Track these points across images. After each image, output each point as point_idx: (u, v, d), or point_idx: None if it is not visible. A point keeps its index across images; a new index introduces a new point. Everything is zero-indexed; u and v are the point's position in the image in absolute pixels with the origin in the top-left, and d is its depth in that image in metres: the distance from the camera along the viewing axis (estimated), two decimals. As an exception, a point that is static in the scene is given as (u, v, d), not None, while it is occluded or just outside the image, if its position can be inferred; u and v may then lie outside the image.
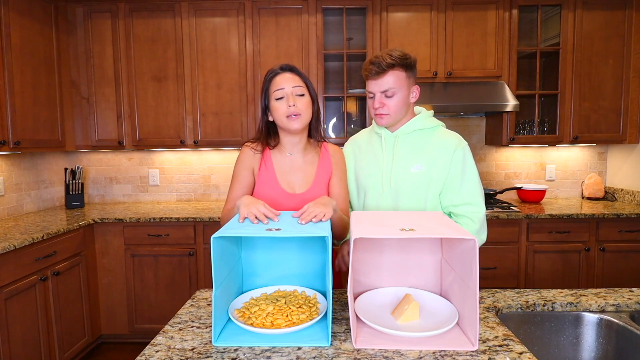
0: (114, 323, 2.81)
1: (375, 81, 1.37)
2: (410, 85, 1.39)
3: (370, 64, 1.36)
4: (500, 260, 2.67)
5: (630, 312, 1.18)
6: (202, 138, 2.96)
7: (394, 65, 1.33)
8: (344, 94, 2.95)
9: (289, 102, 1.32)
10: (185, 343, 0.98)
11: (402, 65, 1.34)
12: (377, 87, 1.37)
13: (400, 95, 1.37)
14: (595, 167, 3.30)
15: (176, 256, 2.73)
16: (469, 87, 2.82)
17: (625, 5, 2.86)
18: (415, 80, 1.42)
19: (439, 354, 0.90)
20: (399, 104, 1.38)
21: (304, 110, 1.34)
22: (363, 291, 1.19)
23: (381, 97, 1.37)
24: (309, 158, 1.44)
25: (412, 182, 1.43)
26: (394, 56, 1.33)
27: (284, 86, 1.33)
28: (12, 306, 2.03)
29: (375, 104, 1.39)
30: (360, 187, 1.54)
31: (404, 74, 1.36)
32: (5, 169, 2.71)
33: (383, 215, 1.14)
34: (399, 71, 1.35)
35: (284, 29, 2.89)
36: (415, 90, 1.42)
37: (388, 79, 1.35)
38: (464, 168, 1.41)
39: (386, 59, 1.32)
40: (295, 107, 1.31)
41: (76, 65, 2.95)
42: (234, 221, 1.11)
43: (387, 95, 1.37)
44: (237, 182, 1.42)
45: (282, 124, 1.35)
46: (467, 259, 0.94)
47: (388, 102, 1.37)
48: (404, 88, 1.37)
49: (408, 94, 1.39)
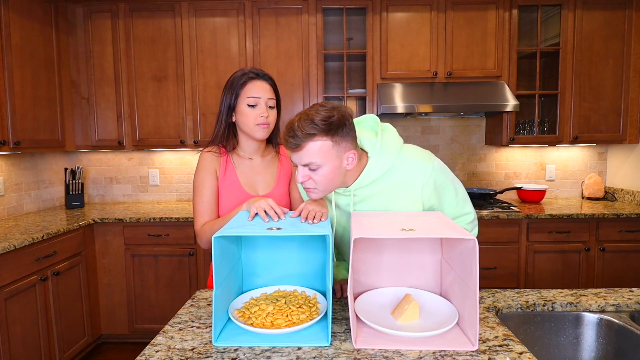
0: (114, 323, 2.81)
1: (294, 155, 1.11)
2: (342, 152, 1.11)
3: (286, 134, 1.09)
4: (500, 260, 2.67)
5: (630, 312, 1.18)
6: (202, 138, 2.96)
7: (313, 134, 1.06)
8: (344, 94, 2.95)
9: (262, 112, 1.34)
10: (185, 343, 0.98)
11: (325, 131, 1.07)
12: (298, 160, 1.11)
13: (327, 168, 1.10)
14: (595, 167, 3.30)
15: (176, 256, 2.73)
16: (469, 87, 2.82)
17: (625, 5, 2.86)
18: (351, 140, 1.13)
19: (439, 354, 0.90)
20: (328, 177, 1.11)
21: (272, 122, 1.38)
22: (363, 291, 1.19)
23: (304, 170, 1.12)
24: (268, 160, 1.47)
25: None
26: (315, 122, 1.06)
27: (259, 95, 1.34)
28: (12, 306, 2.03)
29: (299, 177, 1.13)
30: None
31: (329, 143, 1.08)
32: (5, 169, 2.71)
33: (383, 215, 1.14)
34: (322, 141, 1.07)
35: (284, 29, 2.89)
36: (352, 155, 1.13)
37: (307, 152, 1.08)
38: (439, 196, 1.26)
39: (304, 128, 1.06)
40: (267, 117, 1.34)
41: (76, 65, 2.95)
42: (234, 220, 1.11)
43: (312, 168, 1.10)
44: (205, 189, 1.37)
45: (248, 131, 1.36)
46: (467, 259, 0.94)
47: (313, 176, 1.11)
48: (331, 159, 1.09)
49: (339, 164, 1.12)
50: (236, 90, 1.35)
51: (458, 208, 1.31)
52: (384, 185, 1.22)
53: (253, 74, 1.36)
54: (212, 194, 1.39)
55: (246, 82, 1.35)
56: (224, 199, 1.40)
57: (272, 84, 1.39)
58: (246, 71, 1.37)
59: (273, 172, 1.46)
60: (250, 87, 1.34)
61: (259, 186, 1.44)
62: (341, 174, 1.15)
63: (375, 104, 2.92)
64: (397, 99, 2.74)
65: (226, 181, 1.40)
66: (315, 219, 1.09)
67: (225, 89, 1.38)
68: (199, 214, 1.37)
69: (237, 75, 1.37)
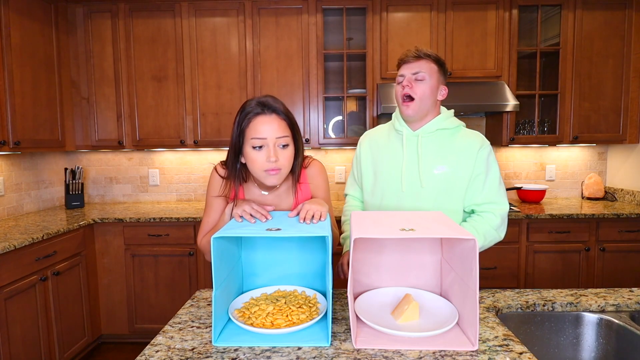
0: (114, 323, 2.81)
1: (409, 64, 1.39)
2: (440, 81, 1.41)
3: (408, 51, 1.40)
4: (500, 260, 2.67)
5: (630, 312, 1.18)
6: (202, 138, 2.96)
7: (429, 56, 1.39)
8: (344, 94, 2.95)
9: (269, 155, 1.12)
10: (185, 343, 0.98)
11: (436, 60, 1.40)
12: (409, 69, 1.39)
13: (429, 83, 1.38)
14: (595, 167, 3.30)
15: (176, 256, 2.73)
16: (469, 87, 2.82)
17: (625, 5, 2.86)
18: (445, 82, 1.44)
19: (439, 354, 0.90)
20: (427, 90, 1.38)
21: (286, 165, 1.16)
22: (363, 291, 1.19)
23: (411, 78, 1.39)
24: (284, 190, 1.29)
25: (434, 183, 1.41)
26: (431, 52, 1.40)
27: (265, 136, 1.12)
28: (12, 306, 2.03)
29: (405, 82, 1.39)
30: (377, 187, 1.50)
31: (436, 67, 1.39)
32: (5, 169, 2.71)
33: (383, 215, 1.14)
34: (432, 63, 1.39)
35: (284, 29, 2.89)
36: (444, 90, 1.43)
37: (422, 64, 1.38)
38: (487, 168, 1.41)
39: (424, 50, 1.39)
40: (276, 162, 1.13)
41: (76, 65, 2.95)
42: (233, 221, 1.11)
43: (418, 78, 1.38)
44: (212, 211, 1.28)
45: (257, 177, 1.18)
46: (467, 259, 0.94)
47: (416, 85, 1.38)
48: (434, 79, 1.39)
49: (437, 86, 1.40)
50: (242, 127, 1.15)
51: (498, 193, 1.42)
52: (445, 142, 1.43)
53: (259, 108, 1.14)
54: (218, 216, 1.30)
55: (251, 119, 1.14)
56: None
57: (283, 117, 1.16)
58: (253, 105, 1.15)
59: (288, 203, 1.30)
60: (254, 125, 1.13)
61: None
62: (433, 97, 1.40)
63: (375, 104, 2.92)
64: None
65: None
66: (314, 219, 1.08)
67: (235, 121, 1.17)
68: (201, 230, 1.31)
69: (245, 106, 1.16)
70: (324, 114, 2.96)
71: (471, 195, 1.43)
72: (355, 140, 2.94)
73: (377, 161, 1.52)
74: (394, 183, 1.46)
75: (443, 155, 1.41)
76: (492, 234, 1.40)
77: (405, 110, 1.40)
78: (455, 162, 1.40)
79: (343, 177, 3.31)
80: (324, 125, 2.97)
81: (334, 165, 3.31)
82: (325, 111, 3.14)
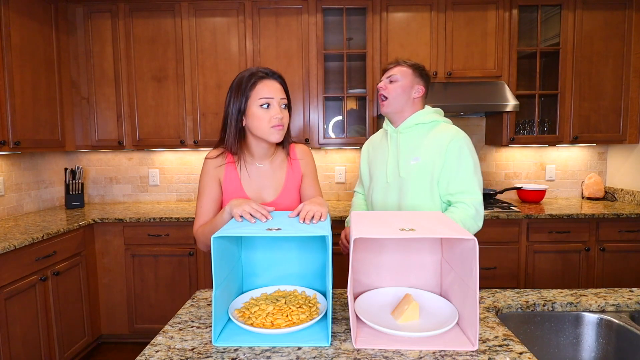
0: (114, 323, 2.81)
1: (387, 72, 1.62)
2: (415, 82, 1.58)
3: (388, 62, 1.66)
4: (500, 260, 2.67)
5: (630, 312, 1.18)
6: (202, 138, 2.96)
7: (405, 63, 1.60)
8: (344, 94, 2.95)
9: (276, 112, 1.26)
10: (185, 343, 0.98)
11: (410, 65, 1.60)
12: (386, 75, 1.62)
13: (401, 83, 1.56)
14: (595, 167, 3.30)
15: (176, 256, 2.73)
16: (469, 87, 2.82)
17: (625, 5, 2.86)
18: (423, 84, 1.60)
19: (439, 354, 0.90)
20: (398, 90, 1.56)
21: (286, 123, 1.32)
22: (363, 291, 1.19)
23: (386, 82, 1.60)
24: (277, 164, 1.41)
25: (412, 174, 1.55)
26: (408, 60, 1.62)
27: (272, 95, 1.27)
28: (12, 306, 2.03)
29: (380, 85, 1.61)
30: (372, 181, 1.70)
31: (409, 71, 1.58)
32: (5, 169, 2.71)
33: (383, 215, 1.14)
34: (406, 67, 1.59)
35: (284, 29, 2.89)
36: (419, 90, 1.59)
37: (396, 69, 1.59)
38: (459, 159, 1.50)
39: (401, 59, 1.62)
40: (282, 119, 1.28)
41: (76, 65, 2.95)
42: (234, 221, 1.11)
43: (391, 80, 1.58)
44: (204, 196, 1.36)
45: (262, 134, 1.29)
46: (467, 259, 0.94)
47: (389, 86, 1.58)
48: (407, 80, 1.57)
49: (410, 86, 1.57)
50: (246, 92, 1.26)
51: (470, 183, 1.49)
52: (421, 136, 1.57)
53: (263, 73, 1.28)
54: (211, 201, 1.36)
55: (256, 82, 1.27)
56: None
57: (282, 83, 1.32)
58: (254, 70, 1.29)
59: (281, 176, 1.40)
60: (261, 87, 1.26)
61: (265, 192, 1.38)
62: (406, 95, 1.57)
63: (375, 103, 2.92)
64: (397, 99, 2.74)
65: (230, 188, 1.37)
66: (314, 219, 1.08)
67: (231, 91, 1.30)
68: (197, 217, 1.37)
69: (244, 75, 1.28)
70: (324, 114, 2.96)
71: (444, 185, 1.52)
72: (355, 140, 2.95)
73: (372, 159, 1.74)
74: (380, 176, 1.66)
75: (418, 147, 1.56)
76: (469, 223, 1.47)
77: (381, 108, 1.63)
78: (426, 154, 1.54)
79: (343, 177, 3.31)
80: (324, 125, 2.97)
81: (334, 165, 3.31)
82: (325, 111, 3.14)
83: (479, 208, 1.49)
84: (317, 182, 1.47)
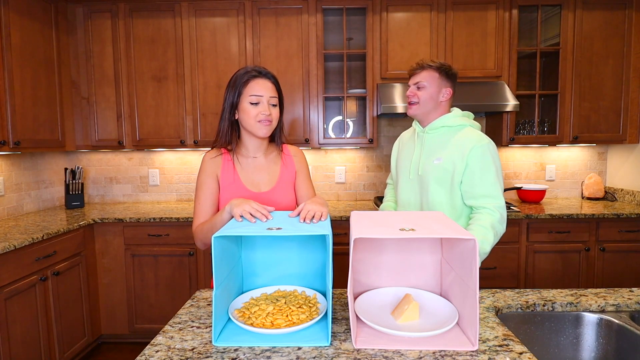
0: (114, 323, 2.81)
1: (414, 76, 1.67)
2: (442, 86, 1.64)
3: (414, 64, 1.68)
4: (500, 260, 2.67)
5: (630, 312, 1.18)
6: (202, 138, 2.96)
7: (431, 66, 1.64)
8: (344, 94, 2.95)
9: (264, 109, 1.35)
10: (185, 343, 0.98)
11: (437, 68, 1.63)
12: (413, 80, 1.67)
13: (429, 90, 1.63)
14: (595, 167, 3.30)
15: (176, 256, 2.73)
16: (469, 87, 2.82)
17: (625, 5, 2.86)
18: (450, 85, 1.65)
19: (439, 354, 0.90)
20: (426, 96, 1.63)
21: (275, 119, 1.39)
22: (363, 291, 1.19)
23: (414, 88, 1.66)
24: (271, 158, 1.48)
25: (434, 173, 1.62)
26: (434, 61, 1.65)
27: (262, 94, 1.35)
28: (12, 306, 2.03)
29: (409, 92, 1.67)
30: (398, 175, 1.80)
31: (436, 74, 1.63)
32: (5, 169, 2.71)
33: (383, 215, 1.14)
34: (432, 71, 1.63)
35: (284, 29, 2.89)
36: (447, 93, 1.65)
37: (423, 74, 1.64)
38: (482, 164, 1.55)
39: (426, 61, 1.65)
40: (269, 115, 1.36)
41: (76, 65, 2.95)
42: (234, 221, 1.11)
43: (419, 87, 1.64)
44: (202, 192, 1.40)
45: (251, 128, 1.37)
46: (467, 259, 0.94)
47: (418, 93, 1.65)
48: (434, 86, 1.63)
49: (438, 91, 1.64)
50: (239, 88, 1.36)
51: (493, 188, 1.55)
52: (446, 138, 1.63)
53: (256, 72, 1.37)
54: (209, 197, 1.40)
55: (249, 80, 1.35)
56: (226, 197, 1.40)
57: (274, 82, 1.39)
58: (249, 69, 1.37)
59: (275, 170, 1.47)
60: (252, 85, 1.35)
61: (261, 182, 1.43)
62: (434, 100, 1.64)
63: (375, 103, 2.92)
64: (397, 99, 2.74)
65: (227, 180, 1.40)
66: (314, 219, 1.09)
67: (228, 87, 1.39)
68: (195, 215, 1.40)
69: (239, 73, 1.38)
70: (324, 114, 2.96)
71: (467, 190, 1.58)
72: (355, 140, 2.95)
73: (399, 155, 1.84)
74: (404, 172, 1.75)
75: (442, 148, 1.62)
76: (498, 227, 1.52)
77: (408, 110, 1.70)
78: (448, 156, 1.59)
79: (343, 177, 3.31)
80: (324, 125, 2.97)
81: (334, 166, 3.31)
82: (325, 111, 3.14)
83: (503, 212, 1.54)
84: (310, 181, 1.53)
